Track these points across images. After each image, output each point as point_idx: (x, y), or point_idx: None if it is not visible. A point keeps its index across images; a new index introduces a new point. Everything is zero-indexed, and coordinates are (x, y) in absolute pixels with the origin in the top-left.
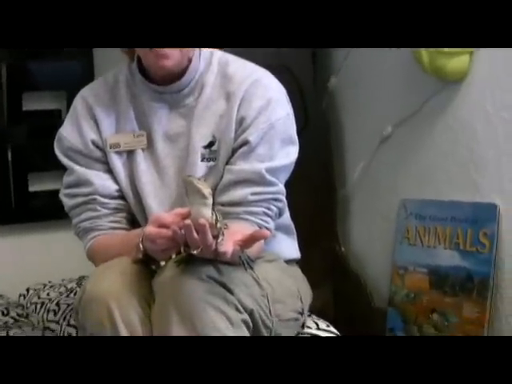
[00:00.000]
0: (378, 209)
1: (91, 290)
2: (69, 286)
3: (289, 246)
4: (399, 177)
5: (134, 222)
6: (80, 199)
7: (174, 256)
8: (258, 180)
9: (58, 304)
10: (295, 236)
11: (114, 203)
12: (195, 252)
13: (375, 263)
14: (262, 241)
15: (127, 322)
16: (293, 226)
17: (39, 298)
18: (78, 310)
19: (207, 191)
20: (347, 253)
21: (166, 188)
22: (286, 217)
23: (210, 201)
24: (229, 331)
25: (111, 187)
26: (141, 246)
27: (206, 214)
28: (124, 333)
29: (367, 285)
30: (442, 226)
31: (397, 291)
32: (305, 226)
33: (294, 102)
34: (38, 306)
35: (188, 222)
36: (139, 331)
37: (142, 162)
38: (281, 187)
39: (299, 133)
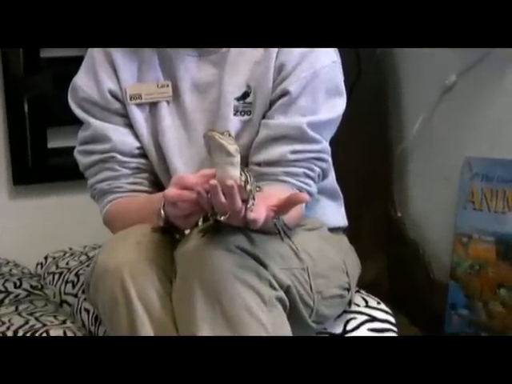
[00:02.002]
0: (439, 168)
1: (103, 262)
2: (91, 254)
3: (334, 212)
4: (463, 132)
5: (157, 185)
6: (96, 157)
7: (199, 223)
8: (298, 136)
9: (77, 274)
10: (341, 201)
11: (134, 162)
12: (222, 218)
13: (435, 230)
14: (302, 206)
15: (144, 298)
16: (338, 189)
17: (57, 267)
18: (90, 285)
19: (233, 148)
20: (404, 218)
21: (193, 146)
22: (331, 179)
23: (237, 159)
24: (261, 311)
25: (131, 144)
26: (162, 211)
27: (234, 174)
28: (140, 311)
29: (426, 255)
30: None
31: (459, 262)
32: (354, 188)
33: (344, 48)
34: (56, 277)
35: (214, 182)
36: (157, 309)
37: (167, 115)
38: (325, 145)
39: (352, 84)
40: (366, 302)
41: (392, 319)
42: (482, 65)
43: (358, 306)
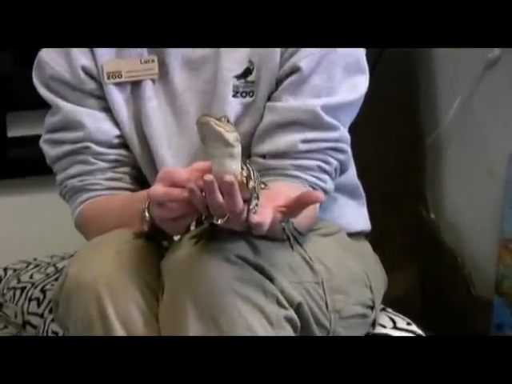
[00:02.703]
0: (480, 161)
1: (75, 275)
2: (60, 266)
3: (354, 214)
4: (510, 117)
5: (140, 181)
6: (67, 148)
7: (192, 228)
8: (311, 122)
9: (43, 290)
10: (364, 200)
11: (112, 153)
12: (219, 222)
13: (477, 235)
14: (316, 207)
15: (124, 318)
16: (360, 186)
17: (19, 281)
18: (59, 303)
19: (232, 136)
20: (438, 220)
21: (184, 134)
22: (351, 174)
23: (238, 150)
24: (266, 333)
25: (109, 131)
26: (146, 213)
27: (233, 168)
28: (120, 333)
29: (465, 265)
30: None
31: (506, 274)
32: (379, 184)
33: None
34: (18, 293)
35: (209, 177)
36: (140, 331)
37: (152, 97)
38: (343, 132)
39: (374, 60)
40: (394, 322)
41: None
42: None
43: (384, 327)
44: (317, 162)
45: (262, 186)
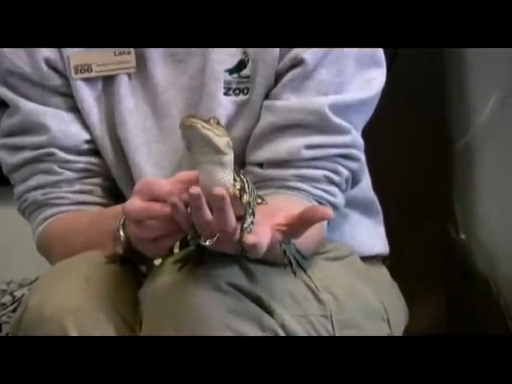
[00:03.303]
0: None
1: (38, 305)
2: (18, 294)
3: (369, 234)
4: None
5: (114, 194)
6: (28, 154)
7: (175, 250)
8: (317, 124)
9: None
10: (381, 217)
11: (81, 162)
12: (208, 243)
13: None
14: (324, 225)
15: None
16: (376, 200)
17: None
18: None
19: (223, 141)
20: (470, 241)
21: (166, 138)
22: (366, 186)
23: (230, 157)
24: None
25: (78, 136)
26: (121, 232)
27: (224, 179)
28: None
29: (501, 294)
30: None
31: None
32: (399, 198)
33: None
34: None
35: (195, 190)
36: None
37: (128, 95)
38: (355, 136)
39: (392, 52)
40: None
41: None
42: None
43: None
44: (324, 172)
45: (259, 201)
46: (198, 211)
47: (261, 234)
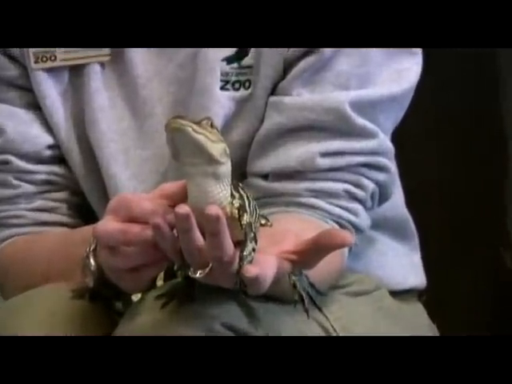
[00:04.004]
0: None
1: None
2: None
3: (402, 263)
4: None
5: (83, 212)
6: None
7: (159, 283)
8: (336, 125)
9: None
10: (416, 241)
11: (43, 172)
12: (198, 275)
13: None
14: (344, 253)
15: None
16: (411, 220)
17: None
18: None
19: (218, 148)
20: None
21: (148, 143)
22: (397, 202)
23: (226, 167)
24: None
25: (39, 140)
26: (91, 260)
27: (219, 194)
28: None
29: None
30: None
31: None
32: (441, 219)
33: None
34: None
35: (183, 209)
36: None
37: (101, 89)
38: (383, 141)
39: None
40: None
41: None
42: None
43: None
44: (344, 185)
45: (263, 222)
46: (186, 235)
47: (264, 263)
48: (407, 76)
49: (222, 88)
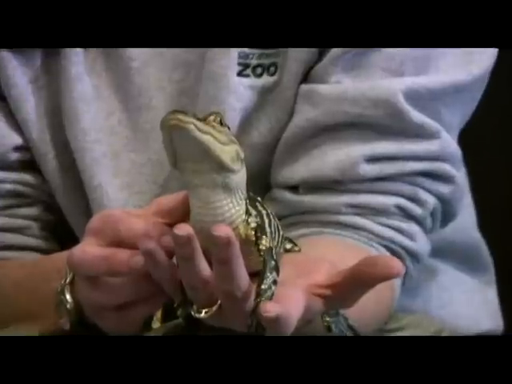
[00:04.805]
0: None
1: None
2: None
3: (473, 300)
4: None
5: (58, 231)
6: None
7: (154, 325)
8: (385, 122)
9: None
10: (492, 274)
11: (8, 181)
12: (204, 314)
13: None
14: (394, 286)
15: None
16: (485, 246)
17: None
18: None
19: (229, 151)
20: None
21: (143, 144)
22: (467, 224)
23: (240, 176)
24: None
25: (3, 140)
26: (67, 295)
27: (231, 211)
28: None
29: None
30: None
31: None
32: None
33: None
34: None
35: (184, 229)
36: None
37: (84, 75)
38: (448, 143)
39: None
40: None
41: None
42: None
43: None
44: (396, 200)
45: (288, 247)
46: (187, 263)
47: (289, 300)
48: (479, 60)
49: (240, 74)
